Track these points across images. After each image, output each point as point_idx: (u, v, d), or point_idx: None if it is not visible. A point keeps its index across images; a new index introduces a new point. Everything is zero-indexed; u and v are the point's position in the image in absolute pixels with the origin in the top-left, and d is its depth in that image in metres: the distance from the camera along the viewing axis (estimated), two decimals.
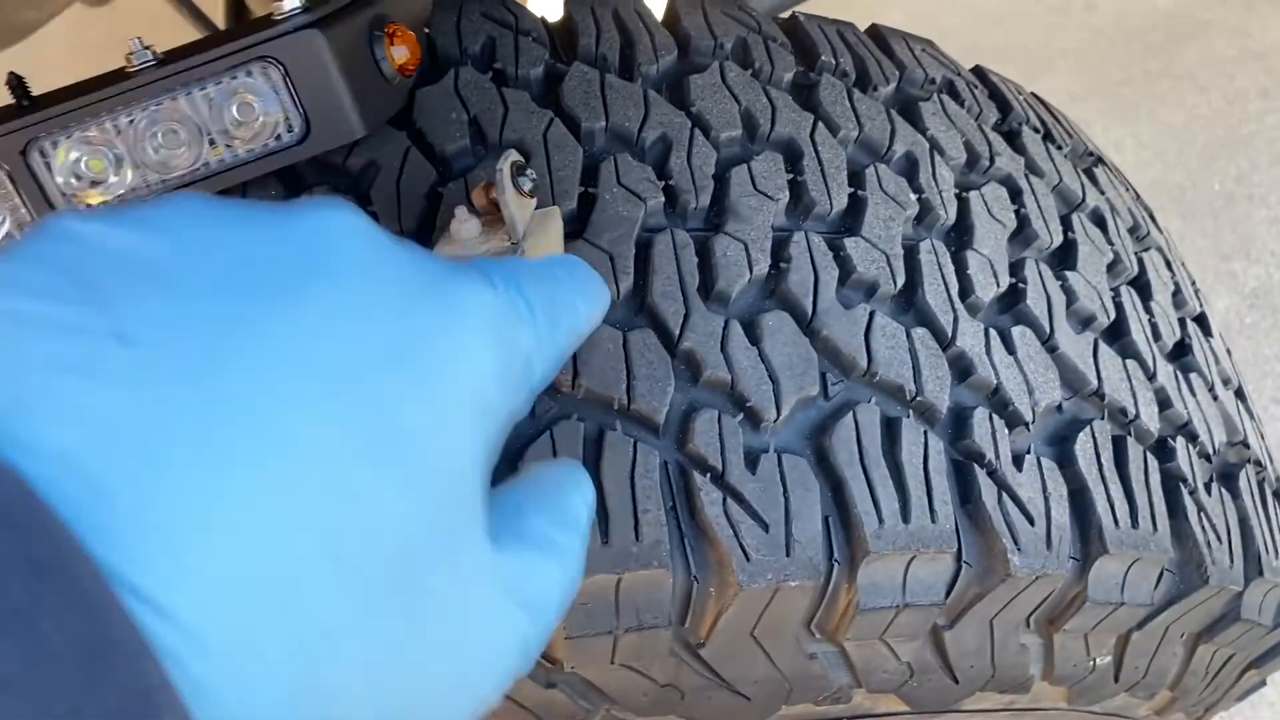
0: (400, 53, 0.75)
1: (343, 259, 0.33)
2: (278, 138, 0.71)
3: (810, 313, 0.72)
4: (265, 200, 0.73)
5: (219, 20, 2.05)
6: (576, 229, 0.72)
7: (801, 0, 1.49)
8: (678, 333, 0.69)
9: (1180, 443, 0.82)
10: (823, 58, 0.87)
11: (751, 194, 0.76)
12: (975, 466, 0.72)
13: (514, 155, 0.64)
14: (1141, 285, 0.92)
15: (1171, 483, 0.80)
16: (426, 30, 0.83)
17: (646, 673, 0.70)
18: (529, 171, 0.65)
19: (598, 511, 0.65)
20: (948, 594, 0.70)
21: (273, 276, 0.31)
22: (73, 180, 0.69)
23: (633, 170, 0.75)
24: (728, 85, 0.81)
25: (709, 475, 0.66)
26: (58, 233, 0.31)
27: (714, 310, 0.71)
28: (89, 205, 0.70)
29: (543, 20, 0.86)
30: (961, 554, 0.70)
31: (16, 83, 0.72)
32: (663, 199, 0.75)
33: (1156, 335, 0.89)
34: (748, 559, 0.65)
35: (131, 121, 0.69)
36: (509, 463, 0.66)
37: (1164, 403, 0.84)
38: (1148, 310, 0.90)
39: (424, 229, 0.73)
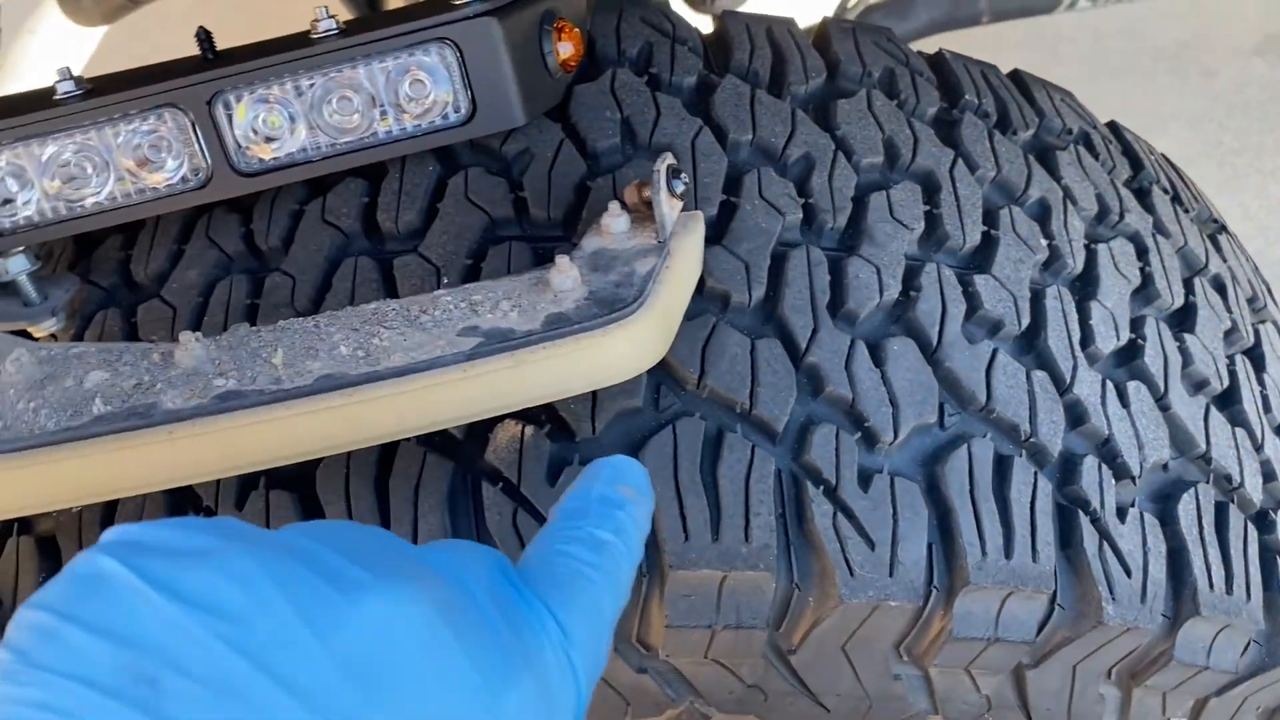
0: (565, 48, 0.78)
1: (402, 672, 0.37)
2: (444, 116, 0.74)
3: (935, 343, 0.74)
4: (421, 179, 0.76)
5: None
6: (715, 235, 0.74)
7: (929, 34, 1.51)
8: (804, 346, 0.71)
9: None
10: (966, 96, 0.89)
11: (888, 220, 0.77)
12: (1080, 513, 0.72)
13: (670, 159, 0.67)
14: (1256, 356, 0.92)
15: (1269, 554, 0.80)
16: (586, 29, 0.86)
17: (736, 671, 0.72)
18: (682, 175, 0.68)
19: (710, 507, 0.67)
20: (1038, 633, 0.71)
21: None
22: (250, 133, 0.73)
23: (775, 184, 0.77)
24: (873, 113, 0.83)
25: (822, 488, 0.68)
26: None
27: (841, 329, 0.73)
28: (260, 159, 0.74)
29: (698, 31, 0.88)
30: (1056, 596, 0.71)
31: (205, 37, 0.76)
32: (801, 216, 0.77)
33: (1267, 407, 0.89)
34: (851, 574, 0.67)
35: (312, 85, 0.72)
36: (631, 450, 0.69)
37: (1269, 475, 0.84)
38: (1260, 382, 0.90)
39: (571, 218, 0.76)
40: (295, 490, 0.69)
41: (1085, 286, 0.82)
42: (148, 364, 0.60)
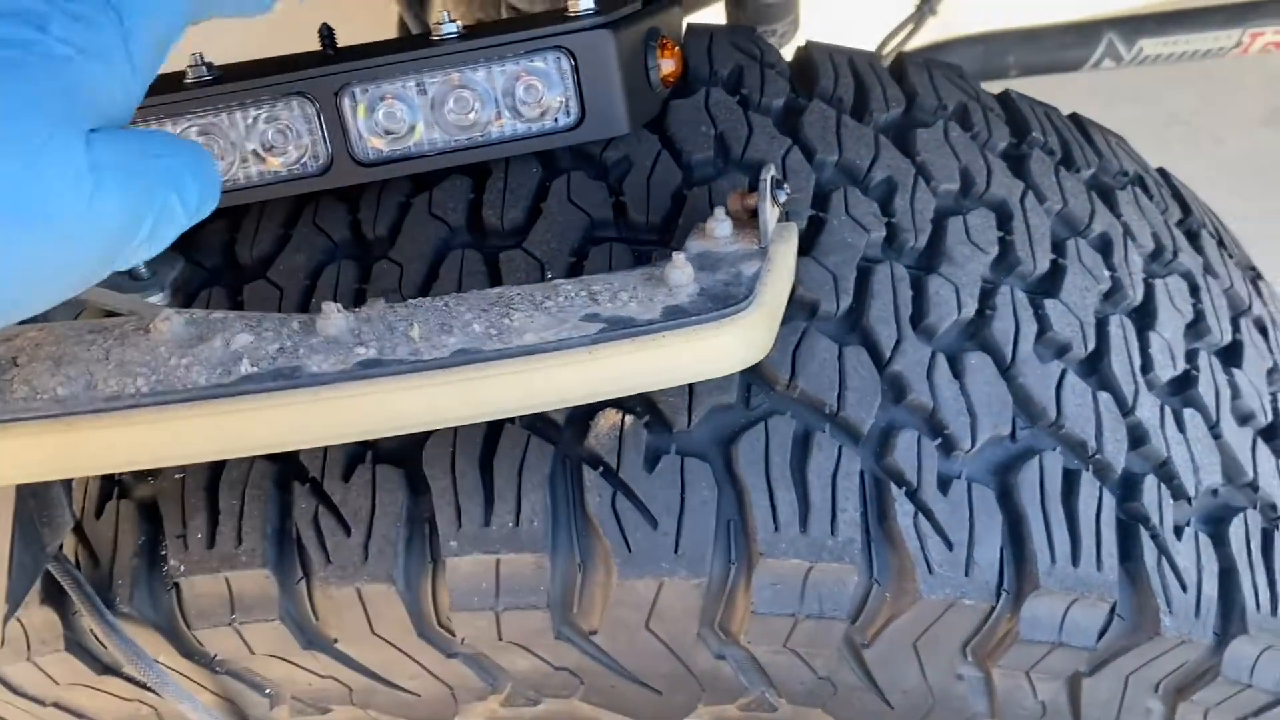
0: (667, 64, 0.82)
1: None
2: (555, 121, 0.78)
3: (1010, 359, 0.77)
4: (525, 180, 0.80)
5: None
6: (804, 247, 0.78)
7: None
8: (889, 355, 0.75)
9: None
10: (1033, 134, 0.93)
11: (965, 243, 0.81)
12: (1140, 528, 0.76)
13: (774, 170, 0.71)
14: None
15: None
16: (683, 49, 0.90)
17: (810, 662, 0.75)
18: (785, 187, 0.72)
19: (798, 500, 0.70)
20: (1098, 640, 0.75)
21: None
22: (372, 126, 0.77)
23: (860, 203, 0.81)
24: (950, 143, 0.87)
25: (904, 489, 0.72)
26: None
27: (922, 341, 0.77)
28: (379, 151, 0.77)
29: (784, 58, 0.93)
30: (1117, 606, 0.74)
31: (327, 33, 0.80)
32: (884, 234, 0.81)
33: None
34: (930, 571, 0.70)
35: (434, 83, 0.76)
36: (720, 446, 0.72)
37: None
38: None
39: (667, 223, 0.80)
40: (401, 465, 0.72)
41: (1144, 318, 0.86)
42: (289, 330, 0.63)
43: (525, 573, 0.70)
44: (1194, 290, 0.92)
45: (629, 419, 0.72)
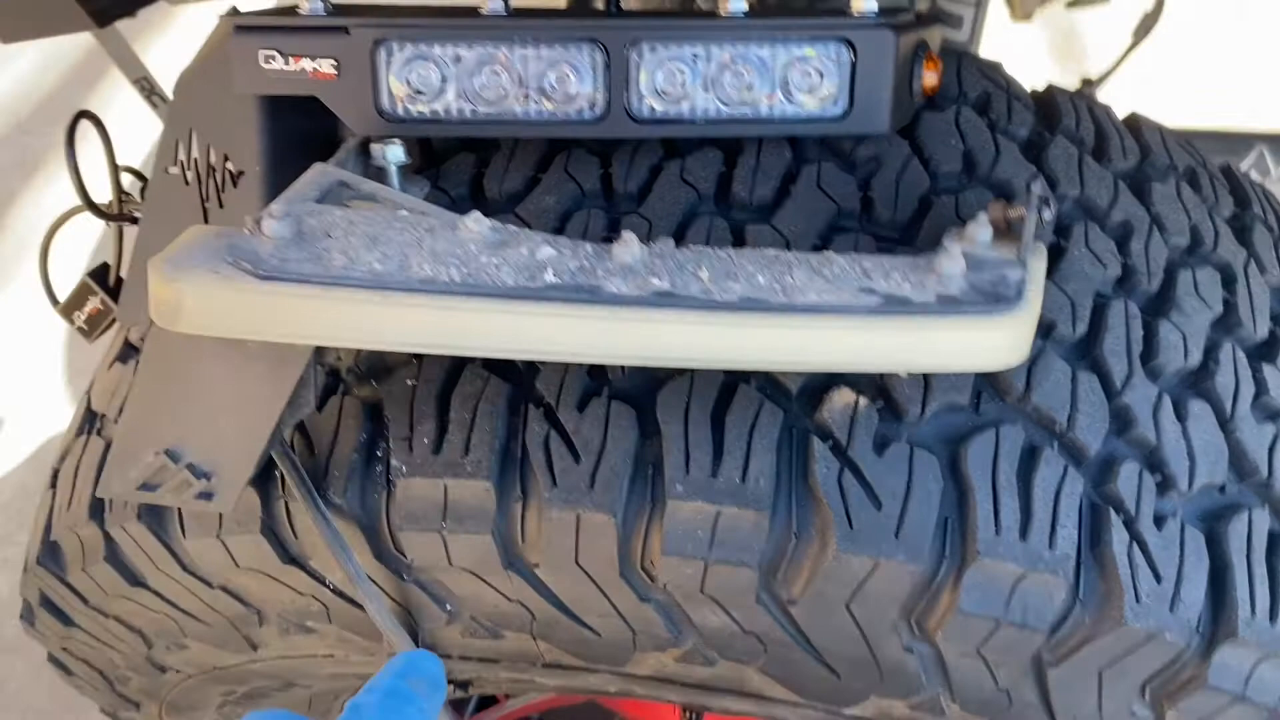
0: (930, 77, 0.85)
1: None
2: (822, 109, 0.80)
3: (1229, 414, 0.78)
4: (776, 162, 0.83)
5: None
6: (1046, 270, 0.80)
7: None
8: (1119, 387, 0.76)
9: None
10: (1254, 209, 0.95)
11: (1193, 296, 0.83)
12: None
13: (1041, 187, 0.73)
14: None
15: None
16: None
17: (995, 671, 0.75)
18: (1051, 205, 0.74)
19: (1021, 508, 0.71)
20: None
21: None
22: (651, 84, 0.80)
23: (1099, 240, 0.83)
24: (1182, 200, 0.89)
25: (1122, 517, 0.73)
26: None
27: (1150, 380, 0.78)
28: (653, 109, 0.80)
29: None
30: None
31: None
32: (1119, 273, 0.82)
33: None
34: (1137, 600, 0.71)
35: (720, 53, 0.79)
36: (948, 444, 0.74)
37: None
38: None
39: (912, 224, 0.82)
40: (635, 405, 0.75)
41: None
42: (586, 252, 0.65)
43: (743, 529, 0.72)
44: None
45: (863, 400, 0.74)
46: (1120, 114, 0.99)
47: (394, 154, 0.82)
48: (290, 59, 0.78)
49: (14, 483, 2.44)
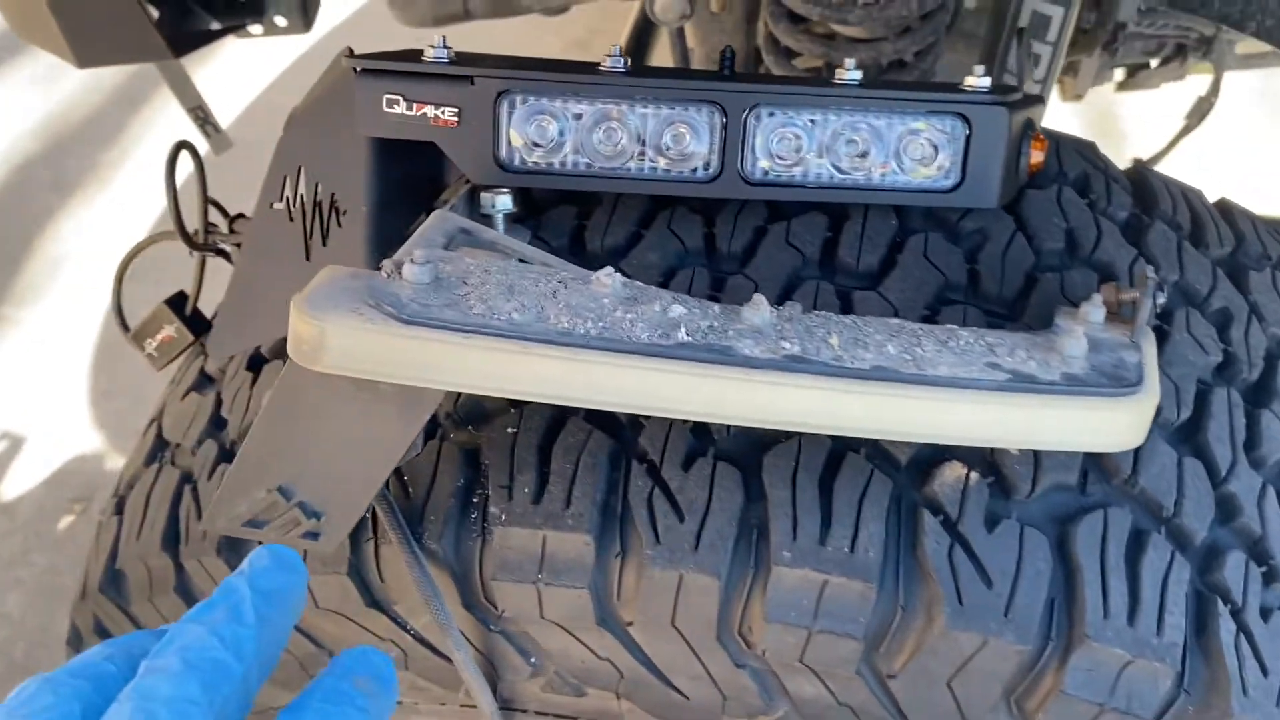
0: (1036, 155, 0.86)
1: None
2: (934, 181, 0.81)
3: None
4: (882, 230, 0.83)
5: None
6: None
7: None
8: (1224, 474, 0.76)
9: None
10: None
11: None
12: None
13: (1155, 273, 0.73)
14: None
15: None
16: None
17: None
18: (1165, 289, 0.74)
19: (1129, 592, 0.71)
20: None
21: None
22: (768, 147, 0.80)
23: (1200, 325, 0.83)
24: (1277, 289, 0.89)
25: (1229, 608, 0.72)
26: None
27: (1254, 469, 0.77)
28: (765, 172, 0.81)
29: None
30: None
31: (730, 56, 0.84)
32: (1220, 360, 0.82)
33: None
34: (1245, 693, 0.70)
35: (835, 120, 0.80)
36: (1056, 523, 0.73)
37: None
38: None
39: (1019, 300, 0.82)
40: (740, 467, 0.74)
41: None
42: (714, 312, 0.65)
43: (850, 599, 0.71)
44: None
45: (974, 475, 0.73)
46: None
47: (503, 203, 0.82)
48: (413, 105, 0.78)
49: (33, 502, 2.43)
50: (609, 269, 0.66)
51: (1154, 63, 2.17)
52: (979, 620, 0.70)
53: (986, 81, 0.81)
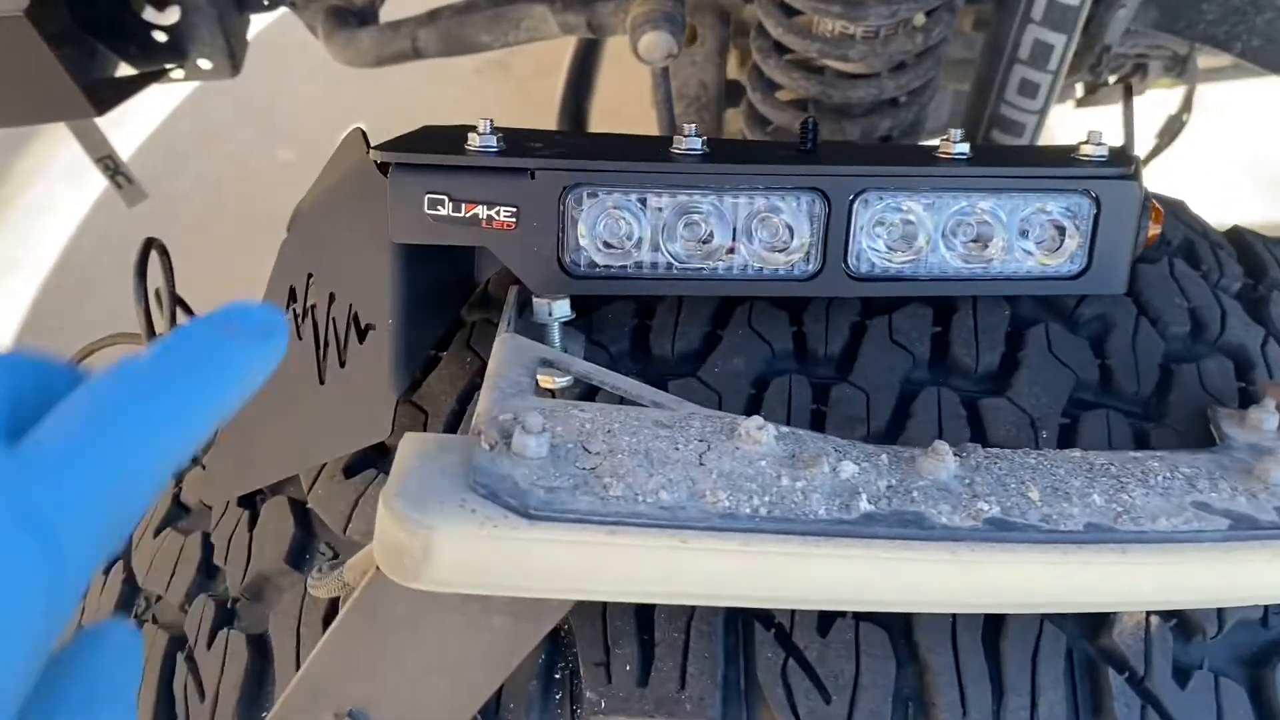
0: (1154, 228, 0.76)
1: None
2: (1059, 267, 0.71)
3: None
4: (996, 322, 0.73)
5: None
6: None
7: None
8: None
9: None
10: None
11: None
12: None
13: None
14: None
15: None
16: None
17: None
18: None
19: None
20: None
21: None
22: (875, 236, 0.69)
23: None
24: None
25: None
26: None
27: None
28: (873, 266, 0.69)
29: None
30: None
31: (812, 128, 0.72)
32: None
33: None
34: None
35: (953, 205, 0.69)
36: (1246, 667, 0.63)
37: None
38: None
39: (1157, 396, 0.72)
40: (888, 629, 0.62)
41: None
42: (886, 465, 0.54)
43: None
44: None
45: (1155, 620, 0.63)
46: None
47: (562, 310, 0.70)
48: (462, 205, 0.65)
49: None
50: (758, 419, 0.53)
51: (1111, 79, 2.14)
52: None
53: (1105, 150, 0.71)
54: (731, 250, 0.68)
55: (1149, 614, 0.63)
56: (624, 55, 1.08)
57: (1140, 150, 1.99)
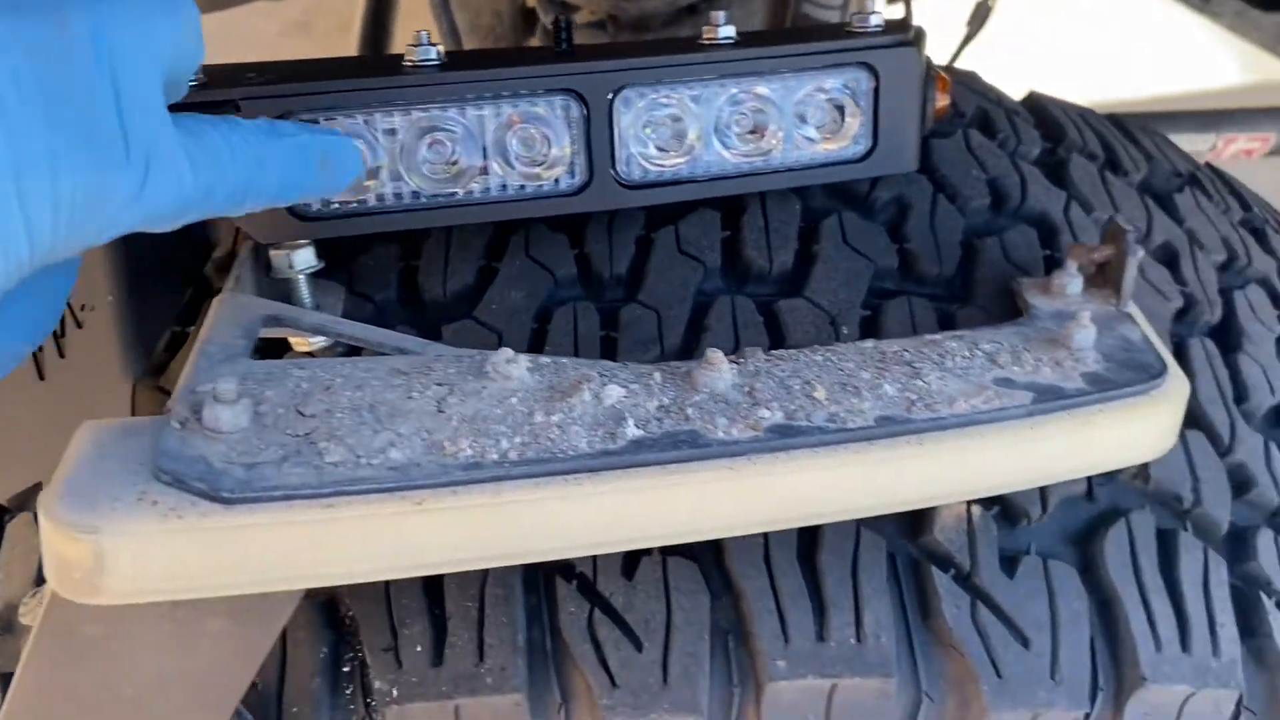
0: (941, 99, 0.72)
1: None
2: (842, 150, 0.66)
3: None
4: (787, 218, 0.68)
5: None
6: None
7: None
8: (1228, 442, 0.65)
9: None
10: (1255, 211, 0.87)
11: (1254, 320, 0.73)
12: None
13: (1132, 230, 0.62)
14: None
15: None
16: None
17: None
18: (1142, 244, 0.62)
19: (1176, 616, 0.59)
20: None
21: None
22: (643, 139, 0.63)
23: (1153, 269, 0.72)
24: (1203, 210, 0.80)
25: (1274, 599, 0.62)
26: None
27: (1251, 427, 0.67)
28: (645, 171, 0.63)
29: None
30: None
31: (566, 26, 0.65)
32: (1180, 304, 0.72)
33: None
34: None
35: (722, 94, 0.63)
36: (1075, 546, 0.60)
37: None
38: None
39: (962, 275, 0.68)
40: (698, 560, 0.57)
41: None
42: (659, 383, 0.48)
43: (866, 703, 0.56)
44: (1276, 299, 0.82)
45: (976, 510, 0.59)
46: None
47: (304, 259, 0.62)
48: None
49: None
50: (507, 351, 0.47)
51: None
52: (1025, 692, 0.56)
53: (880, 19, 0.66)
54: (484, 170, 0.61)
55: (969, 504, 0.59)
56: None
57: (953, 40, 1.98)
